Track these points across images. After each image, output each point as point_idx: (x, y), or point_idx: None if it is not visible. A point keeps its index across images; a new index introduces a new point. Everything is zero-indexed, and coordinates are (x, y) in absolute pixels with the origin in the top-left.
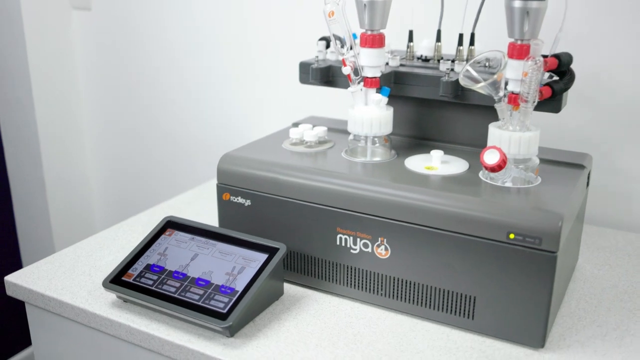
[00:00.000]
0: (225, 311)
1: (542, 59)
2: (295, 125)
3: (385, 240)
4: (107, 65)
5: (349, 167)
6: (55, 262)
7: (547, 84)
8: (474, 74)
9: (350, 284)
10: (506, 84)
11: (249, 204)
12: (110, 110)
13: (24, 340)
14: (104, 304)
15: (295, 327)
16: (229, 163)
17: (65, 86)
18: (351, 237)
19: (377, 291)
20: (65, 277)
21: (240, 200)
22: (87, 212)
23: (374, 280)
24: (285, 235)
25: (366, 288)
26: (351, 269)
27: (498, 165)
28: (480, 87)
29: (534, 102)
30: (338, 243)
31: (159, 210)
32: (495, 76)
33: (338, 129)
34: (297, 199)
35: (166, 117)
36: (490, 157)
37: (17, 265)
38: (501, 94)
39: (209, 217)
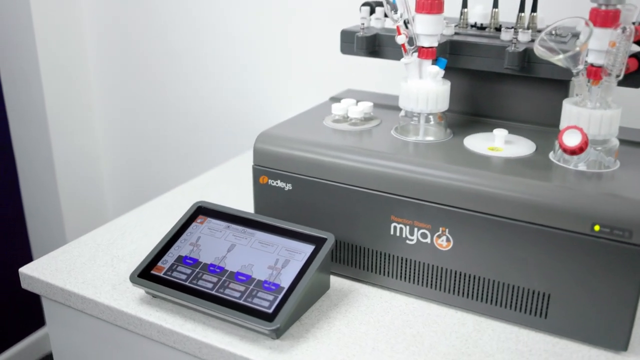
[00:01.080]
0: (270, 311)
1: (633, 27)
2: (334, 100)
3: (447, 230)
4: (118, 34)
5: (402, 148)
6: (73, 252)
7: (633, 55)
8: (551, 44)
9: (405, 278)
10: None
11: (290, 188)
12: (122, 85)
13: (36, 322)
14: (131, 300)
15: (347, 327)
16: (266, 142)
17: (74, 59)
18: (407, 227)
19: (436, 286)
20: (86, 268)
21: (279, 184)
22: (98, 194)
23: (432, 274)
24: (331, 223)
25: (423, 282)
26: (406, 261)
27: (580, 148)
28: (559, 60)
29: (618, 76)
30: (392, 233)
31: (178, 193)
32: (578, 48)
33: (381, 104)
34: (345, 184)
35: (184, 92)
36: (571, 139)
37: (25, 249)
38: (580, 67)
39: (237, 202)
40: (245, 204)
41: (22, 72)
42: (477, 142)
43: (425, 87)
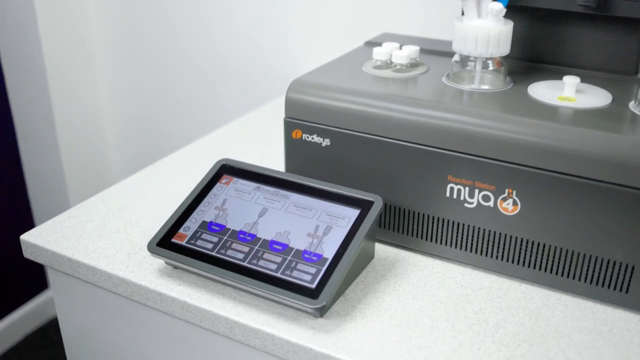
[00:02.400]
0: (314, 286)
1: None
2: (371, 44)
3: (514, 192)
4: None
5: (459, 97)
6: (80, 217)
7: None
8: None
9: (461, 245)
10: None
11: (328, 143)
12: (126, 33)
13: (40, 285)
14: (150, 272)
15: (399, 303)
16: (301, 91)
17: (72, 4)
18: (467, 188)
19: (498, 255)
20: (96, 235)
21: (316, 139)
22: (102, 153)
23: (495, 242)
24: (375, 184)
25: (483, 251)
26: (463, 227)
27: None
28: None
29: None
30: (448, 195)
31: (193, 150)
32: None
33: (426, 50)
34: (393, 138)
35: (195, 38)
36: None
37: (26, 211)
38: None
39: (260, 160)
40: (270, 162)
41: (18, 21)
42: (544, 91)
43: (485, 27)
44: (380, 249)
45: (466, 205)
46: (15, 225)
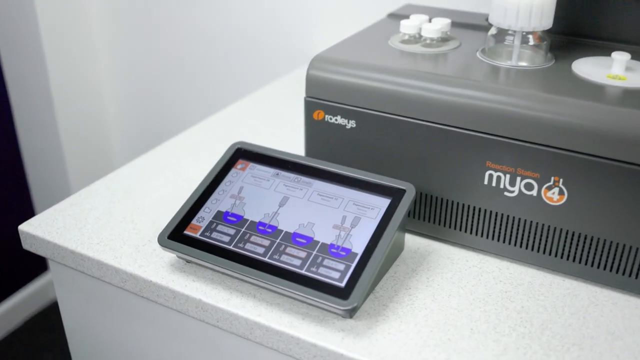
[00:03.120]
0: (343, 284)
1: None
2: (395, 16)
3: (560, 180)
4: None
5: (498, 75)
6: (83, 204)
7: None
8: None
9: (499, 237)
10: None
11: (353, 125)
12: (127, 7)
13: (40, 267)
14: (161, 266)
15: (434, 301)
16: (323, 68)
17: None
18: (508, 175)
19: (540, 248)
20: (101, 225)
21: (340, 120)
22: (102, 132)
23: (537, 234)
24: (406, 170)
25: (523, 243)
26: (502, 217)
27: None
28: None
29: None
30: (486, 182)
31: (201, 131)
32: None
33: (455, 23)
34: (426, 120)
35: (202, 5)
36: None
37: (24, 190)
38: None
39: (275, 142)
40: (286, 144)
41: None
42: (590, 69)
43: None
44: (410, 239)
45: (506, 194)
46: (14, 206)
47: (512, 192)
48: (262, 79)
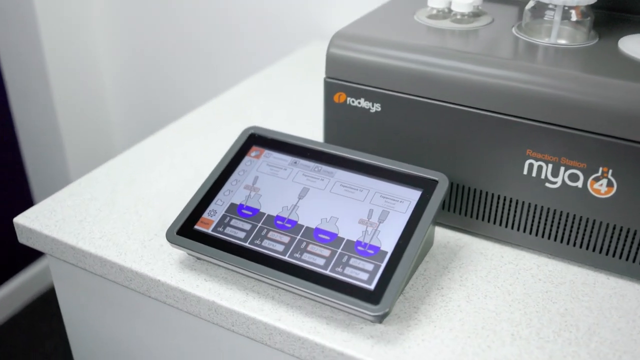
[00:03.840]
0: (372, 287)
1: None
2: None
3: (609, 171)
4: None
5: (538, 54)
6: (83, 194)
7: None
8: None
9: (537, 231)
10: None
11: (378, 109)
12: None
13: (36, 251)
14: (169, 264)
15: (469, 302)
16: (345, 47)
17: None
18: (550, 165)
19: (584, 244)
20: (102, 217)
21: (363, 103)
22: (101, 114)
23: (580, 229)
24: (436, 158)
25: (564, 238)
26: (542, 210)
27: None
28: None
29: None
30: (525, 172)
31: (207, 113)
32: None
33: None
34: (458, 104)
35: None
36: None
37: (20, 174)
38: None
39: (289, 125)
40: (302, 129)
41: None
42: (638, 47)
43: None
44: (439, 233)
45: (548, 185)
46: (10, 189)
47: (555, 183)
48: (272, 55)
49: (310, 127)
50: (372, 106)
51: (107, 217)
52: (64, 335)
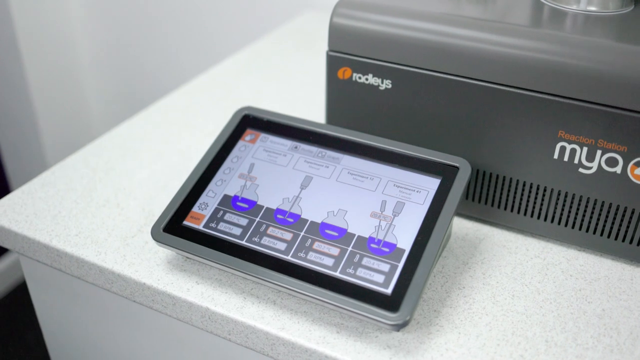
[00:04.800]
0: (389, 291)
1: None
2: None
3: None
4: None
5: (566, 22)
6: (57, 184)
7: None
8: None
9: (569, 222)
10: None
11: (389, 86)
12: None
13: None
14: (155, 264)
15: (495, 304)
16: (350, 16)
17: None
18: (585, 148)
19: (620, 235)
20: (79, 210)
21: (372, 80)
22: (77, 93)
23: (617, 219)
24: (454, 141)
25: (598, 229)
26: (575, 198)
27: None
28: None
29: None
30: (557, 156)
31: (194, 91)
32: None
33: None
34: (480, 79)
35: None
36: None
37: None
38: None
39: (282, 104)
40: (298, 109)
41: None
42: None
43: None
44: (455, 223)
45: (582, 170)
46: None
47: (590, 168)
48: (260, 28)
49: (307, 108)
50: (382, 83)
51: (84, 210)
52: None
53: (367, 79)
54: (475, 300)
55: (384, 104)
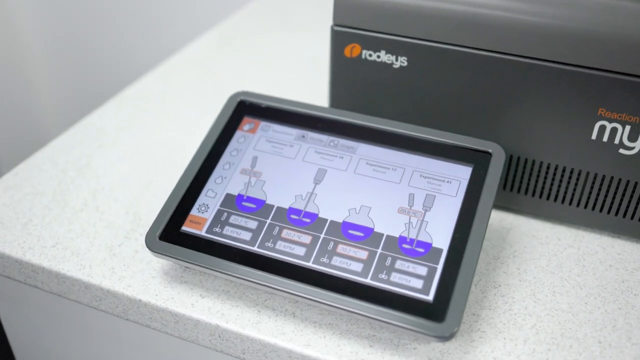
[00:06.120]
0: (431, 298)
1: None
2: None
3: None
4: None
5: None
6: (23, 187)
7: None
8: None
9: (604, 207)
10: None
11: (404, 64)
12: None
13: None
14: (150, 276)
15: (537, 303)
16: None
17: None
18: (628, 127)
19: None
20: (54, 217)
21: (384, 57)
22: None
23: None
24: (479, 123)
25: (637, 215)
26: (614, 181)
27: None
28: None
29: None
30: (595, 136)
31: (171, 71)
32: None
33: None
34: (508, 53)
35: None
36: None
37: None
38: None
39: (275, 87)
40: (295, 92)
41: None
42: None
43: None
44: None
45: (622, 151)
46: None
47: (632, 149)
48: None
49: (301, 90)
50: (396, 60)
51: (58, 217)
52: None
53: (378, 56)
54: (515, 300)
55: (398, 84)
